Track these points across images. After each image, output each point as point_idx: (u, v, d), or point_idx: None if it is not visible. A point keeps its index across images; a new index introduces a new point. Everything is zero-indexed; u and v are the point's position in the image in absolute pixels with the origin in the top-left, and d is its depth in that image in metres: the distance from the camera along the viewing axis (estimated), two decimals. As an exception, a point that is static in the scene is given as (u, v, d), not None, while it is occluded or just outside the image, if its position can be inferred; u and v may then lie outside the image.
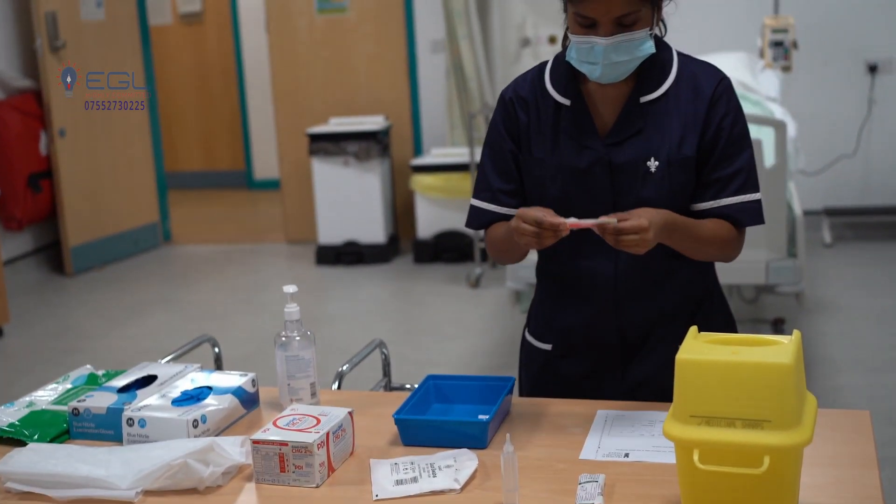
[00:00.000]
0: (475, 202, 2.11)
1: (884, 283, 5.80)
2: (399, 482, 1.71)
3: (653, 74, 1.98)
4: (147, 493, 1.72)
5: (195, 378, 2.10)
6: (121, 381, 2.09)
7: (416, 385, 2.07)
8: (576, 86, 2.01)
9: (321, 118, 7.20)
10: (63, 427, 2.00)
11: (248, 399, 2.08)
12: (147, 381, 2.10)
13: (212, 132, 10.26)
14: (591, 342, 2.08)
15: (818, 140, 6.73)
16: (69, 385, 2.18)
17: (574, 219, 1.85)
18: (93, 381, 2.18)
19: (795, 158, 5.12)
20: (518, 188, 2.07)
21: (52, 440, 1.96)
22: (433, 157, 6.73)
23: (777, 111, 5.21)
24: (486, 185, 2.09)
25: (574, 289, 2.07)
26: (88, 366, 2.29)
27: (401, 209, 7.23)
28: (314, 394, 2.05)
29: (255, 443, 1.76)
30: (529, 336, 2.21)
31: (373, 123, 6.85)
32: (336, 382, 2.45)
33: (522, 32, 6.99)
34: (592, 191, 1.97)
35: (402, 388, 2.63)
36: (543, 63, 2.09)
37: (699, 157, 1.97)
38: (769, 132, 4.40)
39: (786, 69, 5.86)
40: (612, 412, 1.95)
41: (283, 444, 1.73)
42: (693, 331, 1.61)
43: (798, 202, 4.65)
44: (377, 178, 6.80)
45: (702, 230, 1.96)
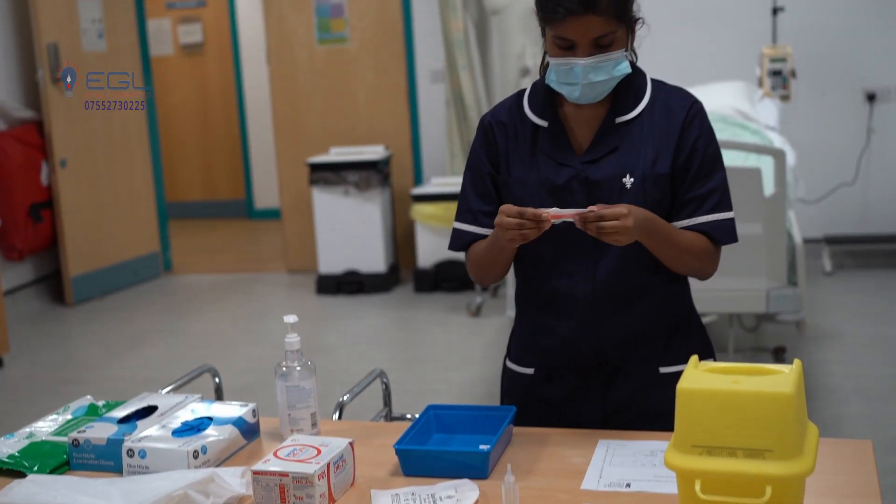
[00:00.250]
0: (457, 225, 2.17)
1: (885, 312, 5.79)
2: (400, 513, 1.71)
3: (628, 97, 2.06)
4: (147, 525, 1.71)
5: (195, 408, 2.10)
6: (121, 412, 2.09)
7: (417, 415, 2.07)
8: (553, 108, 2.10)
9: (321, 148, 7.23)
10: (63, 458, 1.99)
11: (249, 429, 2.07)
12: (147, 412, 2.09)
13: (212, 162, 10.30)
14: (571, 363, 2.12)
15: (818, 168, 6.76)
16: (69, 416, 2.18)
17: (556, 209, 1.91)
18: (93, 412, 2.18)
19: (795, 187, 5.13)
20: (497, 210, 2.09)
21: (53, 471, 1.95)
22: (433, 187, 6.75)
23: (776, 140, 5.23)
24: (467, 208, 2.16)
25: (552, 309, 2.12)
26: (89, 396, 2.28)
27: (401, 238, 7.24)
28: (315, 424, 2.05)
29: (256, 473, 1.75)
30: (511, 363, 2.25)
31: (373, 153, 6.88)
32: (337, 412, 2.45)
33: (522, 62, 7.01)
34: (570, 207, 2.01)
35: (403, 418, 2.64)
36: (522, 90, 2.18)
37: (673, 176, 2.04)
38: (768, 161, 4.41)
39: (784, 98, 5.90)
40: (614, 441, 1.95)
41: (284, 475, 1.73)
42: (694, 360, 1.62)
43: (798, 230, 4.66)
44: (377, 208, 6.82)
45: (680, 237, 2.03)
